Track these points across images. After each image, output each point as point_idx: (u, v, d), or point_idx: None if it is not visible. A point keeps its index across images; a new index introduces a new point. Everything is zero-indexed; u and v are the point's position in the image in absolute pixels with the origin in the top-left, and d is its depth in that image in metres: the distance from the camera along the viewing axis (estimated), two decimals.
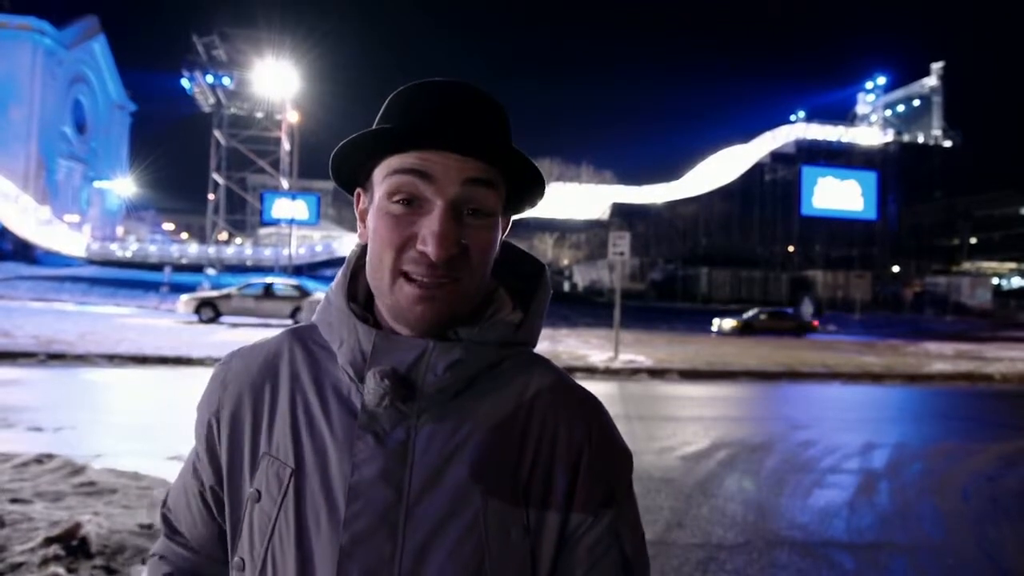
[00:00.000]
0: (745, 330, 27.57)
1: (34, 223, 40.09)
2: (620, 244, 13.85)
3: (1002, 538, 4.57)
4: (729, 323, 28.20)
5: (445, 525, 0.68)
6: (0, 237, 39.38)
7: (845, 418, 9.39)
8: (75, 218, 46.04)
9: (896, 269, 60.40)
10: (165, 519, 0.87)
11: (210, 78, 31.40)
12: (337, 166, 0.73)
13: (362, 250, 0.78)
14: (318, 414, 0.72)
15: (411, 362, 0.69)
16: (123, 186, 54.19)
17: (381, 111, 0.73)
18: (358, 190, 0.76)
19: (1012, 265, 66.98)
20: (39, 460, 4.76)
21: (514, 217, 0.79)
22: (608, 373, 12.58)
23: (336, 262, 38.34)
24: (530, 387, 0.75)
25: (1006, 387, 13.38)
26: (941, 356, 18.67)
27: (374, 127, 0.70)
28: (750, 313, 29.82)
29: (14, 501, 3.83)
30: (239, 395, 0.77)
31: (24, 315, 18.28)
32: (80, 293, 28.86)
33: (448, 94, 0.70)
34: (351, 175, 0.75)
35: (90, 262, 39.32)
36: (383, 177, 0.69)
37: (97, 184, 53.25)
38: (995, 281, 59.34)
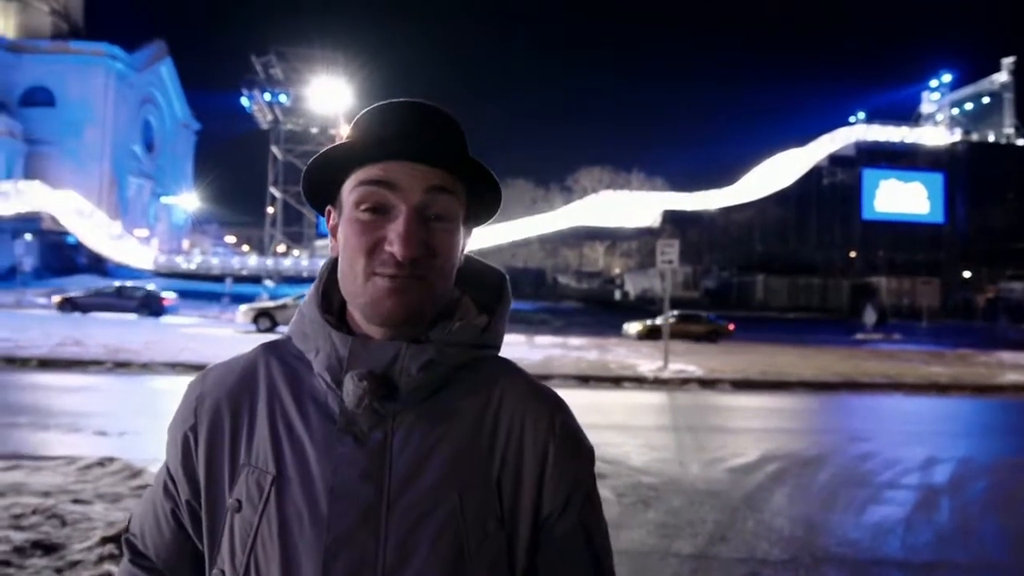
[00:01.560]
0: (651, 335, 24.06)
1: (106, 238, 42.27)
2: (669, 252, 13.66)
3: None
4: (635, 327, 25.33)
5: (425, 520, 0.71)
6: (75, 251, 41.67)
7: (906, 431, 9.00)
8: (144, 232, 48.32)
9: (967, 275, 57.52)
10: (129, 544, 0.86)
11: (268, 96, 32.64)
12: (309, 183, 0.78)
13: (333, 264, 0.81)
14: (297, 421, 0.74)
15: (387, 363, 0.73)
16: (188, 201, 56.59)
17: (349, 130, 0.78)
18: (328, 208, 0.80)
19: None
20: (101, 463, 5.01)
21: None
22: (657, 383, 12.40)
23: None
24: (498, 388, 0.78)
25: None
26: (1015, 366, 17.69)
27: (342, 143, 0.76)
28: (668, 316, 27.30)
29: (76, 502, 4.05)
30: (216, 409, 0.78)
31: (95, 325, 19.26)
32: None
33: (408, 111, 0.76)
34: (322, 194, 0.79)
35: (157, 274, 41.16)
36: (351, 189, 0.74)
37: (164, 200, 55.78)
38: None
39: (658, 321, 25.30)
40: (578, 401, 8.17)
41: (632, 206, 56.58)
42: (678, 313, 26.54)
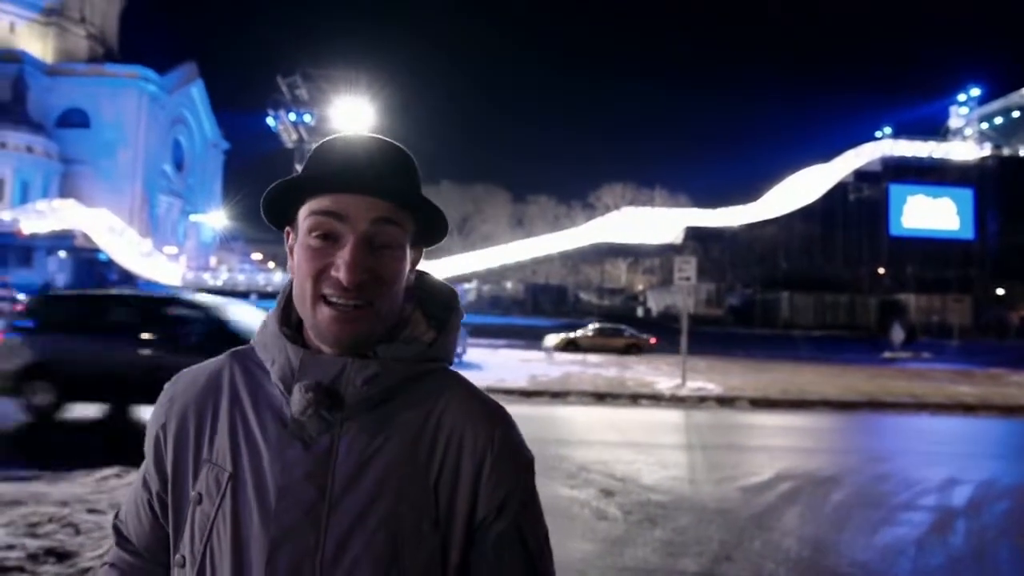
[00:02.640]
0: (569, 347, 23.67)
1: (137, 255, 43.29)
2: (686, 269, 13.62)
3: None
4: (553, 340, 24.50)
5: (364, 519, 0.77)
6: (107, 268, 42.70)
7: (928, 451, 8.82)
8: (173, 250, 49.37)
9: (1000, 292, 56.18)
10: (116, 529, 0.95)
11: (292, 116, 33.28)
12: (267, 207, 0.84)
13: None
14: (254, 425, 0.81)
15: (333, 377, 0.79)
16: (216, 219, 57.74)
17: (306, 161, 0.85)
18: (287, 229, 0.85)
19: None
20: (118, 475, 5.15)
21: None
22: (674, 401, 12.31)
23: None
24: (442, 398, 0.84)
25: None
26: None
27: (298, 174, 0.83)
28: (591, 329, 25.98)
29: (91, 511, 4.16)
30: (184, 410, 0.85)
31: None
32: None
33: (359, 145, 0.82)
34: (281, 215, 0.85)
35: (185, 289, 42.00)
36: (304, 217, 0.80)
37: (193, 217, 57.04)
38: None
39: (576, 334, 25.14)
40: (594, 418, 8.19)
41: (655, 223, 56.37)
42: (596, 327, 26.20)
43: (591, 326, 26.47)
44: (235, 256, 63.07)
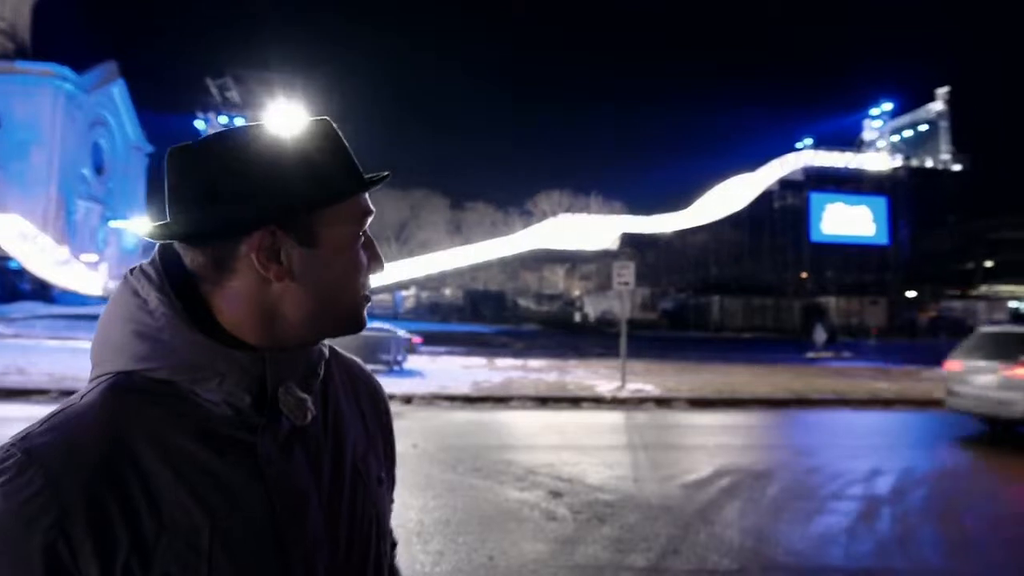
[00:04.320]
0: None
1: (52, 263, 40.85)
2: (625, 274, 13.93)
3: (1003, 563, 4.54)
4: None
5: (356, 491, 0.80)
6: (19, 277, 40.15)
7: (852, 445, 9.32)
8: (92, 257, 46.85)
9: (911, 294, 59.81)
10: None
11: (223, 119, 32.24)
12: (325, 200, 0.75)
13: (190, 288, 0.75)
14: (209, 458, 0.69)
15: (312, 369, 0.78)
16: (139, 225, 55.18)
17: (291, 146, 0.74)
18: (275, 229, 0.73)
19: None
20: None
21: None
22: (615, 403, 12.56)
23: None
24: (345, 370, 0.90)
25: None
26: None
27: (328, 173, 0.75)
28: None
29: None
30: (90, 488, 0.62)
31: (40, 353, 18.56)
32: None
33: (339, 134, 0.79)
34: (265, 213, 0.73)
35: (106, 300, 39.87)
36: (357, 217, 0.77)
37: (114, 224, 54.30)
38: (1012, 304, 58.56)
39: None
40: (538, 422, 8.25)
41: (591, 229, 57.31)
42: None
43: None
44: None
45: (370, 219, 0.79)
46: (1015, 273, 64.88)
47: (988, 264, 66.92)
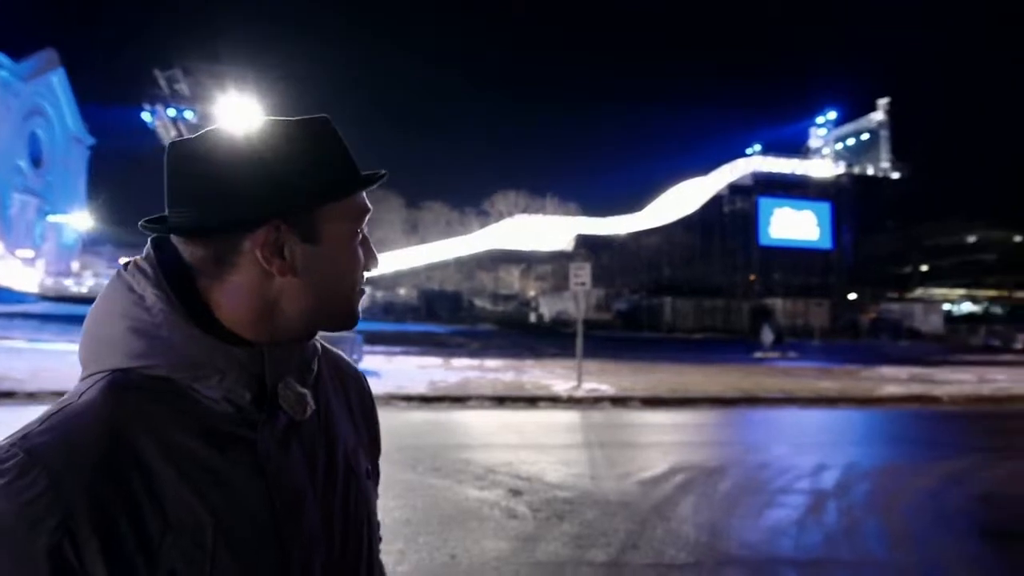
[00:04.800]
0: None
1: None
2: (581, 275, 14.08)
3: (943, 554, 4.77)
4: None
5: (349, 486, 0.81)
6: None
7: (799, 442, 9.64)
8: (28, 253, 44.85)
9: (853, 296, 62.14)
10: None
11: (172, 112, 31.27)
12: (327, 195, 0.75)
13: (187, 283, 0.74)
14: (210, 456, 0.68)
15: (307, 364, 0.79)
16: (80, 220, 53.06)
17: (294, 142, 0.74)
18: (277, 222, 0.73)
19: (961, 291, 69.47)
20: None
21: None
22: (571, 402, 12.68)
23: None
24: (333, 364, 0.90)
25: (953, 409, 13.85)
26: (895, 380, 19.23)
27: (331, 169, 0.76)
28: None
29: None
30: (93, 490, 0.61)
31: None
32: (32, 330, 27.94)
33: (336, 132, 0.80)
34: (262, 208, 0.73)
35: (43, 298, 38.26)
36: (356, 214, 0.79)
37: (52, 218, 52.04)
38: (946, 307, 61.40)
39: None
40: (495, 421, 8.27)
41: (547, 230, 57.77)
42: None
43: None
44: (102, 261, 58.19)
45: (368, 217, 0.81)
46: (949, 277, 68.13)
47: (924, 268, 70.07)
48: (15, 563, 0.58)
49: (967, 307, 67.22)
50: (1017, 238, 71.54)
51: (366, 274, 0.81)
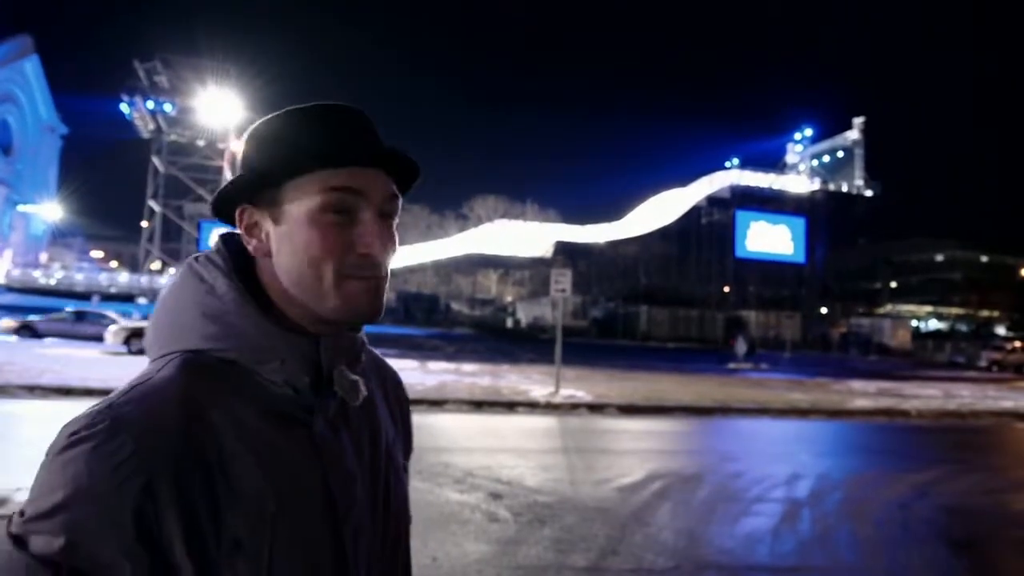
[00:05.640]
0: (134, 336, 19.03)
1: None
2: (562, 281, 14.16)
3: (911, 561, 4.90)
4: (114, 329, 19.59)
5: (389, 476, 0.84)
6: None
7: (773, 451, 9.79)
8: None
9: (824, 310, 63.23)
10: None
11: (150, 104, 30.78)
12: (250, 184, 0.76)
13: (245, 269, 0.79)
14: (274, 434, 0.72)
15: (356, 353, 0.80)
16: (50, 211, 51.90)
17: (279, 131, 0.76)
18: (246, 207, 0.76)
19: (929, 308, 71.16)
20: None
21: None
22: (549, 408, 12.73)
23: None
24: (371, 359, 0.92)
25: (921, 422, 14.18)
26: (864, 393, 19.61)
27: (287, 149, 0.74)
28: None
29: None
30: (174, 458, 0.65)
31: None
32: None
33: (355, 117, 0.77)
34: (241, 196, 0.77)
35: (9, 289, 37.31)
36: (315, 192, 0.73)
37: (21, 208, 50.81)
38: (913, 323, 62.79)
39: (135, 324, 21.26)
40: (474, 426, 8.29)
41: (526, 236, 57.87)
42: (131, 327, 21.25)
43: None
44: (72, 253, 56.98)
45: (350, 196, 0.74)
46: (917, 294, 69.69)
47: (893, 285, 71.58)
48: (104, 523, 0.61)
49: (934, 324, 68.85)
50: (983, 258, 73.52)
51: (361, 259, 0.74)
